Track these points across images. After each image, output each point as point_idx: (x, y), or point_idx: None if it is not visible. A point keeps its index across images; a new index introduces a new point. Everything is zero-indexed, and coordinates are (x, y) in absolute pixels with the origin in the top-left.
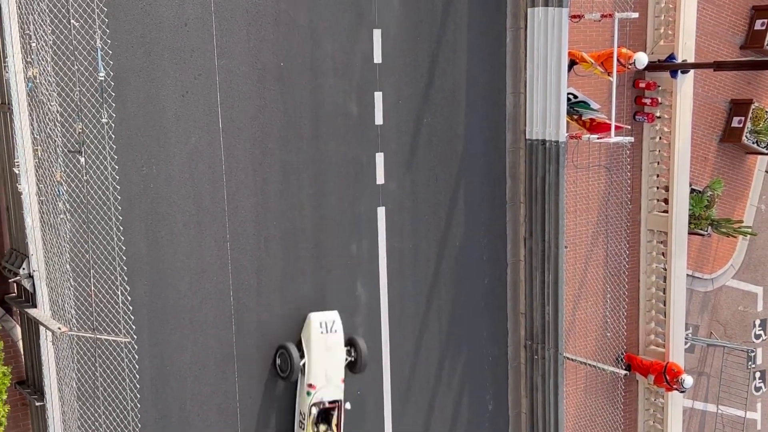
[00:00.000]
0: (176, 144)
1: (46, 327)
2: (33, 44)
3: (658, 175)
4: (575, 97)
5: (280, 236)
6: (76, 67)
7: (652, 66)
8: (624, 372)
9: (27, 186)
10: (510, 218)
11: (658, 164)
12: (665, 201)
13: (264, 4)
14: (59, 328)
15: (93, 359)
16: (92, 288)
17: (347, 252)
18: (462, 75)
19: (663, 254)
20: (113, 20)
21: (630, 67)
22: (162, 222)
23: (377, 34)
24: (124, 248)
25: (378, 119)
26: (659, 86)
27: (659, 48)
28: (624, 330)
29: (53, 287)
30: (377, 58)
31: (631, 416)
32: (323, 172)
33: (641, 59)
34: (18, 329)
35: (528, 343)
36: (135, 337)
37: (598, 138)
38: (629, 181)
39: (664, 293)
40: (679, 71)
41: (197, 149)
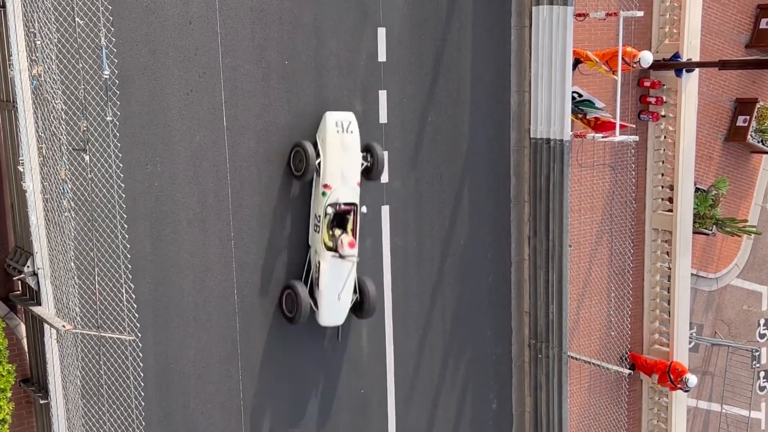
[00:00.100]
0: (181, 142)
1: (51, 325)
2: (38, 42)
3: (663, 174)
4: (580, 96)
5: (284, 235)
6: (81, 65)
7: (657, 65)
8: (628, 371)
9: (31, 184)
10: (514, 217)
11: (663, 163)
12: (670, 200)
13: (268, 3)
14: (64, 326)
15: (97, 357)
16: (97, 286)
17: None
18: (467, 73)
19: (667, 253)
20: (118, 18)
21: (635, 66)
22: (166, 220)
23: (382, 33)
24: (129, 246)
25: (382, 117)
26: (664, 85)
27: (664, 47)
28: (628, 329)
29: (58, 285)
30: (382, 57)
31: (635, 415)
32: None
33: (646, 58)
34: (22, 327)
35: (532, 342)
36: (139, 335)
37: (603, 137)
38: (634, 180)
39: (669, 292)
40: (684, 70)
41: (202, 147)
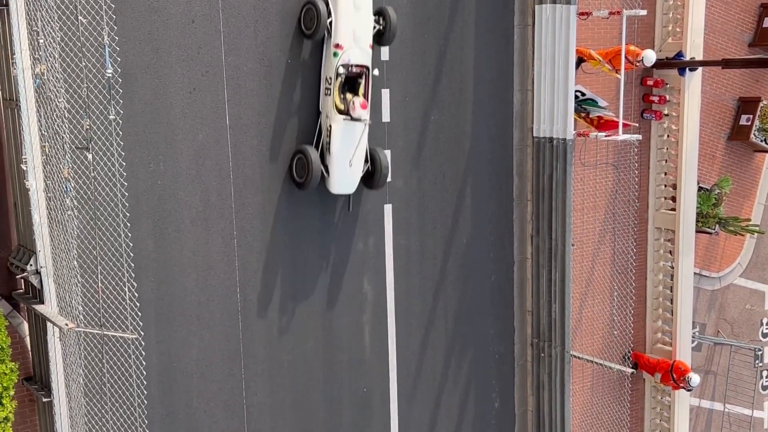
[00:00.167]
0: (183, 141)
1: (54, 323)
2: (41, 41)
3: (666, 173)
4: (583, 95)
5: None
6: (84, 64)
7: (660, 63)
8: (631, 370)
9: (34, 182)
10: (517, 216)
11: (666, 162)
12: (673, 199)
13: (271, 0)
14: (66, 325)
15: (100, 355)
16: (99, 284)
17: (354, 249)
18: (469, 72)
19: (670, 252)
20: (121, 17)
21: (638, 65)
22: (169, 218)
23: None
24: (132, 245)
25: (385, 116)
26: (667, 84)
27: (667, 45)
28: (631, 328)
29: (60, 284)
30: (384, 55)
31: (638, 415)
32: None
33: (649, 57)
34: (25, 325)
35: (535, 341)
36: (142, 334)
37: (606, 136)
38: (637, 179)
39: (672, 291)
40: (687, 69)
41: (204, 146)
